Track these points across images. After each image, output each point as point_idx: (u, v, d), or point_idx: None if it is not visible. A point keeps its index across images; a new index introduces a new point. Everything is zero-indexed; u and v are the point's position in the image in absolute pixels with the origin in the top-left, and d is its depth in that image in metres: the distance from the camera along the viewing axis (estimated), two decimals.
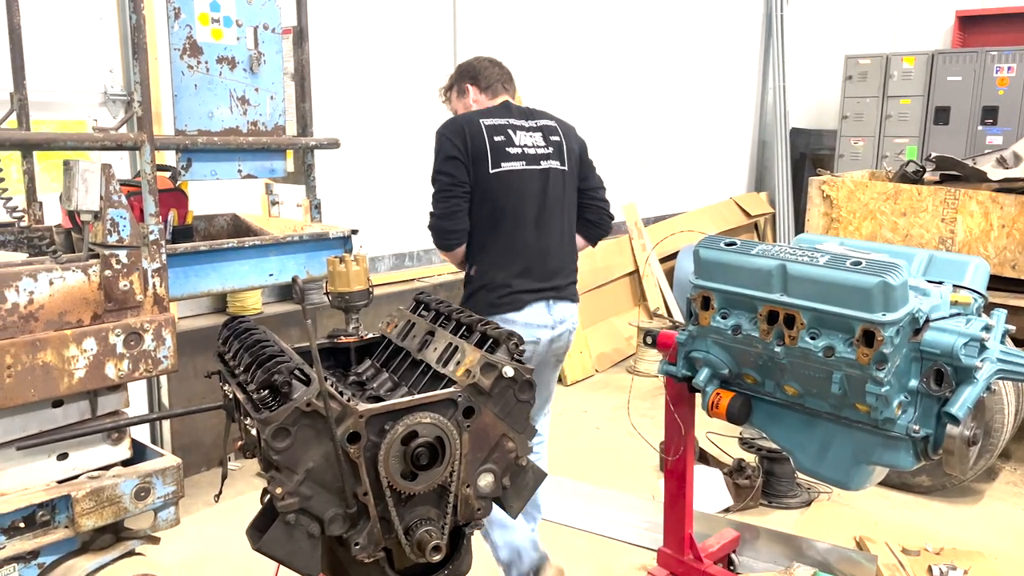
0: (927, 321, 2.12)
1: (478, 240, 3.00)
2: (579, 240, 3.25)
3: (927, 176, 4.73)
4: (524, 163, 3.01)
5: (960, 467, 2.15)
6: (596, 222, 3.25)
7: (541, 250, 3.03)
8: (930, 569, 3.19)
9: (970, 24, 8.00)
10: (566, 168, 3.11)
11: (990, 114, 7.28)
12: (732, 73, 8.46)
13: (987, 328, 2.13)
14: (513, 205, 2.98)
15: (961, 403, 2.06)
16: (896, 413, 2.12)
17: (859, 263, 2.09)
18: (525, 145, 3.03)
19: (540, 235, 3.03)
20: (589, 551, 3.54)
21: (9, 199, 2.59)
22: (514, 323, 2.96)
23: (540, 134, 3.09)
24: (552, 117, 3.21)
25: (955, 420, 2.07)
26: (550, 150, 3.08)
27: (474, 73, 3.16)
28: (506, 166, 2.98)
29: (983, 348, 2.10)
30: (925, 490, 4.05)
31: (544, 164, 3.05)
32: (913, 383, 2.13)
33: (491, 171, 2.95)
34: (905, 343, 2.09)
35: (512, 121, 3.05)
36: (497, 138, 2.98)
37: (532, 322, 2.98)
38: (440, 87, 3.33)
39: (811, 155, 8.84)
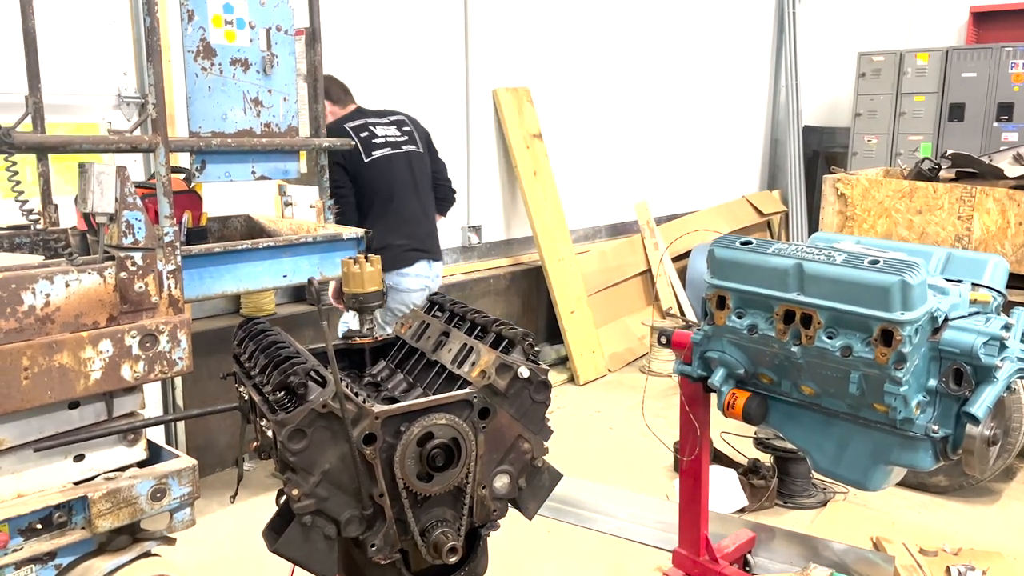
0: (946, 320, 2.10)
1: (372, 215, 3.67)
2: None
3: (942, 173, 4.69)
4: (390, 149, 3.72)
5: (980, 467, 2.12)
6: (443, 198, 4.11)
7: (417, 217, 3.81)
8: (948, 570, 3.16)
9: (984, 20, 7.92)
10: (421, 150, 3.88)
11: (1005, 110, 7.20)
12: (744, 71, 8.42)
13: (1007, 327, 2.10)
14: (391, 183, 3.71)
15: (981, 403, 2.04)
16: (915, 413, 2.10)
17: (877, 262, 2.07)
18: (387, 136, 3.74)
19: (415, 205, 3.78)
20: (602, 552, 3.53)
21: (25, 202, 2.60)
22: (407, 275, 3.76)
23: (395, 127, 3.81)
24: (399, 113, 3.95)
25: (975, 420, 2.05)
26: (405, 137, 3.82)
27: (325, 91, 3.67)
28: (376, 154, 3.67)
29: (1003, 347, 2.07)
30: (942, 490, 4.02)
31: (405, 148, 3.79)
32: (932, 383, 2.11)
33: (366, 160, 3.65)
34: (924, 342, 2.07)
35: (369, 120, 3.77)
36: (363, 135, 3.67)
37: (420, 274, 3.83)
38: None
39: (824, 153, 8.77)
